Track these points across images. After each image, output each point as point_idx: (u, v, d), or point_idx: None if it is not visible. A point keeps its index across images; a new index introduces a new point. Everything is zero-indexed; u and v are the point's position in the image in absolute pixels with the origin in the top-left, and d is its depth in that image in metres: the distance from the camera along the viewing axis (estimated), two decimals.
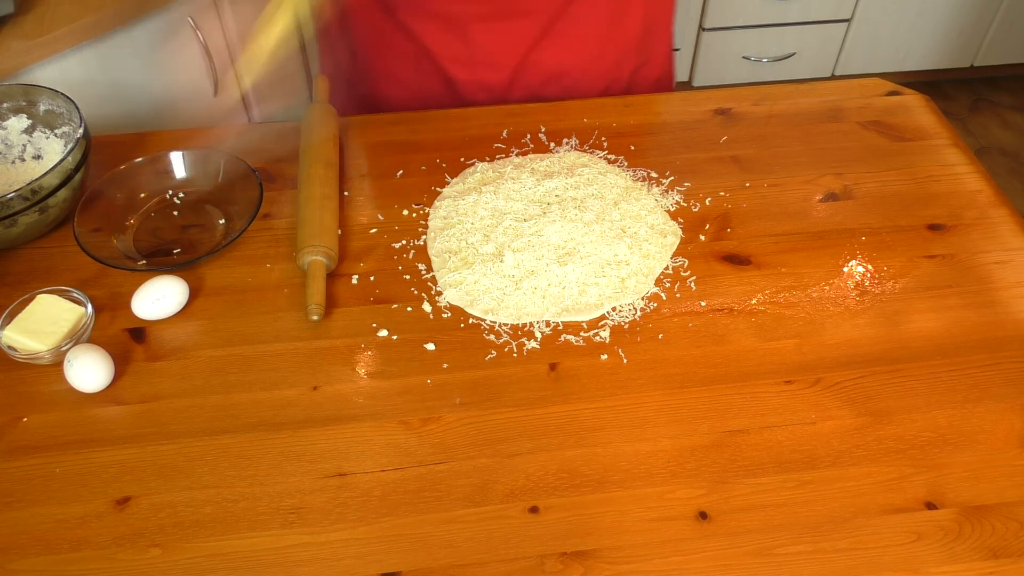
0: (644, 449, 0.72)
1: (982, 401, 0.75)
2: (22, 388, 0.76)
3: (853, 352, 0.79)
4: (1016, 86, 2.61)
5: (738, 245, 0.89)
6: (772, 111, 1.05)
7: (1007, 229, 0.91)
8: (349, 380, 0.77)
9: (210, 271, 0.86)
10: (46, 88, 0.93)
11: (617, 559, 0.65)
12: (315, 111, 0.99)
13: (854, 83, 1.10)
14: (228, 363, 0.78)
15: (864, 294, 0.84)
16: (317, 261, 0.83)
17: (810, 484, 0.69)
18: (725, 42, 2.36)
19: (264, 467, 0.71)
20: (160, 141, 1.00)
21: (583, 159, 0.96)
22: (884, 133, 1.02)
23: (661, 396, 0.75)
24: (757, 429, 0.73)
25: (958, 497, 0.69)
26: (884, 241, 0.89)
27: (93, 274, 0.85)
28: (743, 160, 0.98)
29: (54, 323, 0.78)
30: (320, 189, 0.89)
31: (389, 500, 0.69)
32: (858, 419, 0.74)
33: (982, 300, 0.83)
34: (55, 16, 1.30)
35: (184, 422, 0.74)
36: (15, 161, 0.93)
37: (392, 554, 0.66)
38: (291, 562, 0.65)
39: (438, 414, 0.74)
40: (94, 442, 0.72)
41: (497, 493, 0.69)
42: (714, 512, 0.68)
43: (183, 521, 0.67)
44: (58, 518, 0.68)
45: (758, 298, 0.84)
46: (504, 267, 0.85)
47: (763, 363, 0.78)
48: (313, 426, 0.73)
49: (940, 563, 0.65)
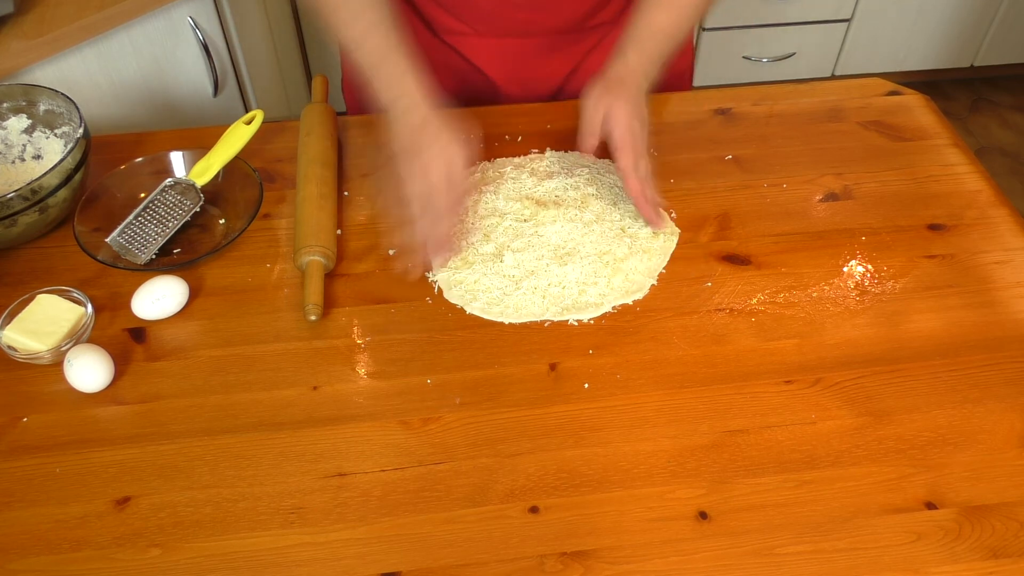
0: (644, 449, 0.72)
1: (982, 401, 0.75)
2: (22, 388, 0.76)
3: (853, 352, 0.79)
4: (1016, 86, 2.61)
5: (738, 245, 0.89)
6: (772, 111, 1.05)
7: (1007, 229, 0.91)
8: (349, 380, 0.77)
9: (210, 271, 0.86)
10: (46, 88, 0.93)
11: (617, 559, 0.65)
12: (314, 111, 0.99)
13: (854, 83, 1.10)
14: (228, 363, 0.78)
15: (864, 294, 0.84)
16: (315, 261, 0.83)
17: (810, 484, 0.69)
18: (725, 42, 2.36)
19: (264, 467, 0.71)
20: (160, 141, 1.00)
21: (583, 159, 0.96)
22: (884, 133, 1.02)
23: (661, 396, 0.75)
24: (757, 429, 0.73)
25: (958, 497, 0.69)
26: (884, 241, 0.89)
27: (93, 274, 0.85)
28: (743, 160, 0.98)
29: (54, 323, 0.78)
30: (318, 189, 0.89)
31: (389, 500, 0.69)
32: (858, 419, 0.74)
33: (982, 300, 0.83)
34: (55, 16, 1.30)
35: (184, 422, 0.74)
36: (15, 161, 0.93)
37: (392, 554, 0.66)
38: (291, 562, 0.65)
39: (438, 414, 0.74)
40: (94, 442, 0.72)
41: (497, 493, 0.69)
42: (714, 512, 0.68)
43: (183, 521, 0.67)
44: (58, 518, 0.68)
45: (758, 298, 0.84)
46: (504, 267, 0.85)
47: (763, 363, 0.78)
48: (313, 426, 0.73)
49: (940, 563, 0.65)
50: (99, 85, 1.41)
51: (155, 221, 0.87)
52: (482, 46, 1.04)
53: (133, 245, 0.86)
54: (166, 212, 0.88)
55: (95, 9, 1.32)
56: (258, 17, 1.82)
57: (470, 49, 1.05)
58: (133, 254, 0.86)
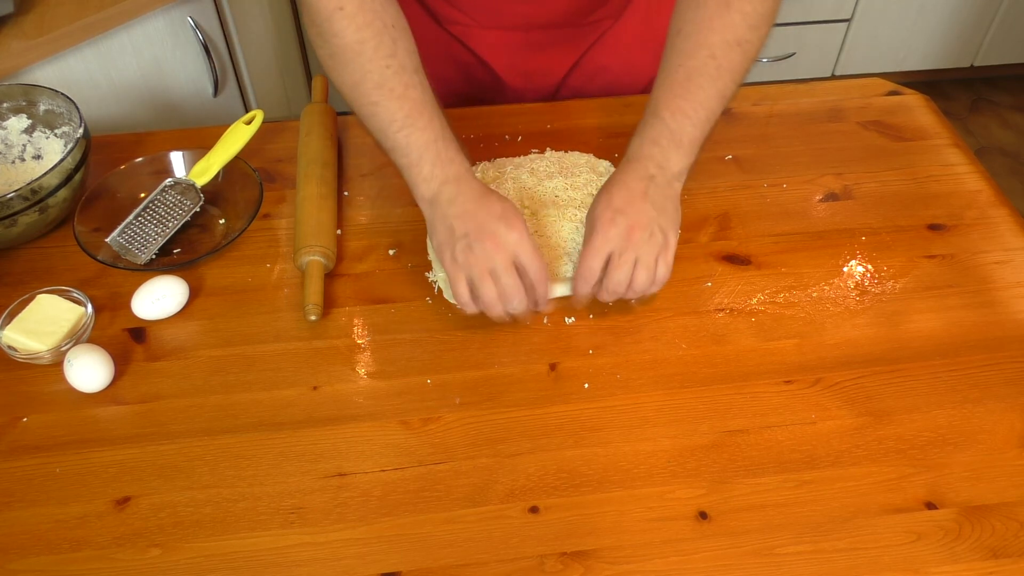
0: (644, 449, 0.72)
1: (982, 401, 0.75)
2: (22, 388, 0.76)
3: (853, 352, 0.79)
4: (1016, 86, 2.61)
5: (738, 245, 0.89)
6: (772, 111, 1.05)
7: (1007, 229, 0.91)
8: (349, 380, 0.77)
9: (210, 271, 0.86)
10: (46, 88, 0.93)
11: (617, 559, 0.65)
12: (313, 111, 0.99)
13: (854, 83, 1.10)
14: (228, 363, 0.78)
15: (864, 294, 0.84)
16: (315, 261, 0.83)
17: (810, 484, 0.69)
18: None
19: (264, 467, 0.71)
20: (160, 141, 1.00)
21: (583, 159, 0.96)
22: (884, 133, 1.02)
23: (661, 396, 0.75)
24: (757, 429, 0.73)
25: (958, 497, 0.69)
26: (884, 241, 0.89)
27: (93, 274, 0.85)
28: (743, 160, 0.98)
29: (54, 323, 0.78)
30: (317, 189, 0.89)
31: (389, 500, 0.69)
32: (858, 419, 0.74)
33: (982, 300, 0.83)
34: (55, 16, 1.30)
35: (184, 422, 0.74)
36: (15, 161, 0.93)
37: (392, 554, 0.66)
38: (291, 562, 0.65)
39: (438, 414, 0.74)
40: (94, 442, 0.72)
41: (497, 493, 0.69)
42: (714, 512, 0.68)
43: (183, 521, 0.67)
44: (58, 518, 0.68)
45: (758, 298, 0.84)
46: None
47: (763, 363, 0.78)
48: (313, 426, 0.73)
49: (940, 563, 0.65)
50: (99, 85, 1.41)
51: (155, 221, 0.87)
52: (485, 37, 1.05)
53: (133, 245, 0.86)
54: (166, 212, 0.88)
55: (95, 9, 1.32)
56: (258, 17, 1.82)
57: (473, 40, 1.05)
58: (133, 254, 0.86)
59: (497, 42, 1.05)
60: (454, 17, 1.04)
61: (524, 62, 1.07)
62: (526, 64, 1.07)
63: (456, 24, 1.05)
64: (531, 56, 1.06)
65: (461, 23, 1.04)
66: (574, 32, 1.05)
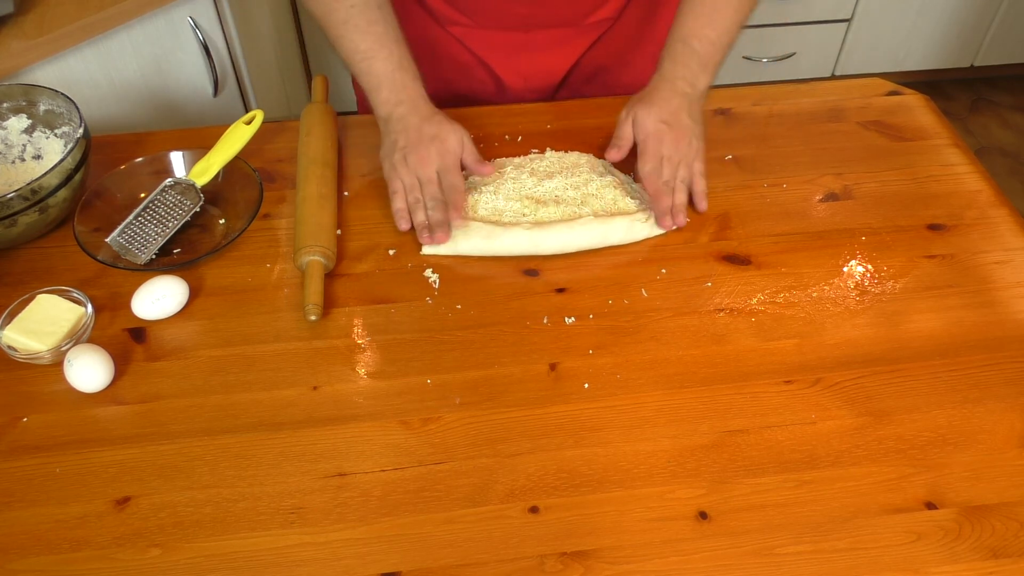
0: (644, 449, 0.72)
1: (982, 401, 0.75)
2: (22, 388, 0.76)
3: (853, 352, 0.79)
4: (1016, 86, 2.61)
5: (738, 245, 0.89)
6: (772, 111, 1.05)
7: (1007, 229, 0.91)
8: (349, 380, 0.77)
9: (210, 271, 0.86)
10: (46, 88, 0.93)
11: (617, 559, 0.65)
12: (314, 111, 0.99)
13: (854, 83, 1.10)
14: (228, 363, 0.78)
15: (864, 294, 0.84)
16: (315, 261, 0.83)
17: (810, 484, 0.69)
18: None
19: (264, 467, 0.71)
20: (160, 141, 1.00)
21: (583, 159, 0.96)
22: (884, 133, 1.02)
23: (661, 396, 0.75)
24: (757, 429, 0.73)
25: (958, 497, 0.69)
26: (884, 241, 0.89)
27: (93, 274, 0.85)
28: (743, 160, 0.98)
29: (54, 323, 0.78)
30: (318, 189, 0.89)
31: (389, 500, 0.69)
32: (858, 419, 0.74)
33: (982, 300, 0.83)
34: (55, 16, 1.30)
35: (184, 422, 0.74)
36: (15, 161, 0.93)
37: (392, 554, 0.66)
38: (291, 562, 0.65)
39: (438, 414, 0.74)
40: (94, 442, 0.72)
41: (497, 493, 0.69)
42: (714, 512, 0.68)
43: (183, 521, 0.67)
44: (58, 518, 0.68)
45: (758, 298, 0.84)
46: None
47: (763, 363, 0.78)
48: (313, 426, 0.73)
49: (940, 563, 0.65)
50: (99, 85, 1.41)
51: (155, 221, 0.87)
52: (485, 38, 1.05)
53: (133, 245, 0.86)
54: (166, 212, 0.88)
55: (95, 9, 1.32)
56: (258, 17, 1.82)
57: (473, 41, 1.06)
58: (133, 254, 0.86)
59: (497, 43, 1.05)
60: (454, 18, 1.04)
61: (524, 63, 1.07)
62: (526, 65, 1.07)
63: (456, 25, 1.05)
64: (531, 57, 1.06)
65: (461, 24, 1.04)
66: (574, 33, 1.05)
